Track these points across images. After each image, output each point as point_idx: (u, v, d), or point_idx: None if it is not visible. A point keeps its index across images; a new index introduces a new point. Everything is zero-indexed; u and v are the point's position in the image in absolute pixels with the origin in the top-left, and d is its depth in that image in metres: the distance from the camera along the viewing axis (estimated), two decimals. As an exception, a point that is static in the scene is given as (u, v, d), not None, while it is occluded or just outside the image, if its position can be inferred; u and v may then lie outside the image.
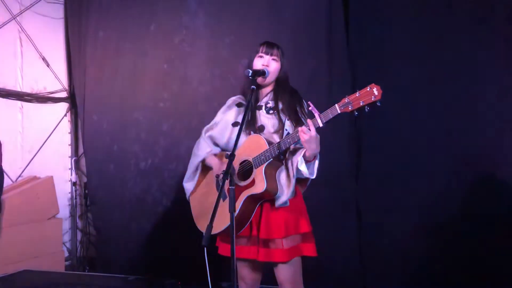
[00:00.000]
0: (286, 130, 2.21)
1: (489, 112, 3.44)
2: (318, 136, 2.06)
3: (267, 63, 2.29)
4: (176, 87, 4.43)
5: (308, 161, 2.12)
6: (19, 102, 4.70)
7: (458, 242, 3.44)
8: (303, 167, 2.13)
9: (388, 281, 3.63)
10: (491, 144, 3.43)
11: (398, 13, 3.66)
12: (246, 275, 2.32)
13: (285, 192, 2.16)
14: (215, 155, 2.39)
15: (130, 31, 4.62)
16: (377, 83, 1.95)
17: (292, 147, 2.20)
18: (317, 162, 2.14)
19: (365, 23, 3.74)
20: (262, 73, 2.24)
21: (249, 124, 2.29)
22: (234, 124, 2.36)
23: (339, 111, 1.99)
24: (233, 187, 1.90)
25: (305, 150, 2.09)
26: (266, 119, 2.29)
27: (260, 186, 2.11)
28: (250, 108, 2.27)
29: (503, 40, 3.41)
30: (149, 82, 4.54)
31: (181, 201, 4.14)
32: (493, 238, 3.35)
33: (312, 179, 2.29)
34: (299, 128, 2.05)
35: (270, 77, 2.30)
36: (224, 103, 2.51)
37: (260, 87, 2.35)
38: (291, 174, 2.17)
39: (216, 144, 2.43)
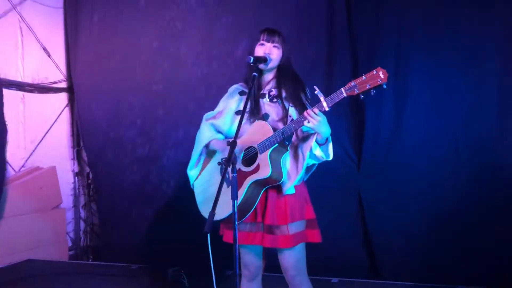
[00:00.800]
0: (290, 117, 2.20)
1: (494, 101, 3.42)
2: (325, 118, 2.06)
3: (269, 51, 2.27)
4: (168, 67, 4.39)
5: (321, 144, 2.13)
6: (20, 93, 4.70)
7: (463, 228, 3.44)
8: (318, 152, 2.14)
9: (392, 268, 3.64)
10: (496, 133, 3.41)
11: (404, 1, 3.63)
12: (249, 263, 2.32)
13: (290, 179, 2.16)
14: (219, 140, 2.39)
15: (122, 11, 4.59)
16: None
17: (300, 133, 2.20)
18: (331, 144, 2.15)
19: (367, 7, 3.71)
20: (263, 59, 2.22)
21: (253, 112, 2.27)
22: (237, 112, 2.34)
23: (345, 95, 1.98)
24: (235, 175, 1.90)
25: (316, 134, 2.10)
26: (270, 108, 2.28)
27: (265, 171, 2.11)
28: (252, 96, 2.25)
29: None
30: (140, 63, 4.51)
31: (181, 188, 4.20)
32: (497, 224, 3.35)
33: (315, 168, 2.31)
34: (305, 112, 2.04)
35: (272, 64, 2.28)
36: (223, 88, 2.49)
37: (262, 74, 2.33)
38: (300, 161, 2.16)
39: (219, 132, 2.42)
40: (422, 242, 3.55)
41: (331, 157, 2.18)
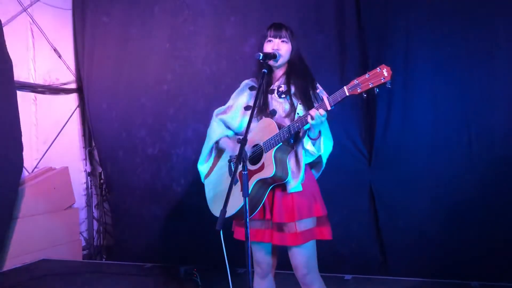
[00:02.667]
0: (297, 114, 2.17)
1: (505, 93, 3.37)
2: (325, 114, 2.05)
3: (278, 47, 2.25)
4: (178, 67, 4.41)
5: (314, 139, 2.12)
6: (32, 94, 4.74)
7: (476, 222, 3.40)
8: (309, 146, 2.13)
9: (405, 264, 3.61)
10: (508, 124, 3.36)
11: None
12: (261, 260, 2.31)
13: (295, 177, 2.15)
14: (229, 138, 2.38)
15: (134, 14, 4.62)
16: (388, 62, 1.90)
17: (302, 131, 2.18)
18: (322, 138, 2.13)
19: (375, 4, 3.68)
20: (273, 56, 2.21)
21: (260, 109, 2.27)
22: (246, 107, 2.34)
23: (347, 94, 1.96)
24: (246, 172, 1.89)
25: (308, 130, 2.10)
26: (277, 104, 2.26)
27: (269, 170, 2.10)
28: (261, 92, 2.24)
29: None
30: (152, 64, 4.53)
31: (192, 186, 4.21)
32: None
33: (327, 165, 2.30)
34: (308, 112, 2.04)
35: (282, 60, 2.26)
36: (232, 86, 2.49)
37: (272, 70, 2.32)
38: (300, 158, 2.16)
39: (228, 128, 2.42)
40: (434, 237, 3.52)
41: (322, 151, 2.16)
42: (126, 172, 4.64)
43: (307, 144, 2.13)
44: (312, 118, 2.01)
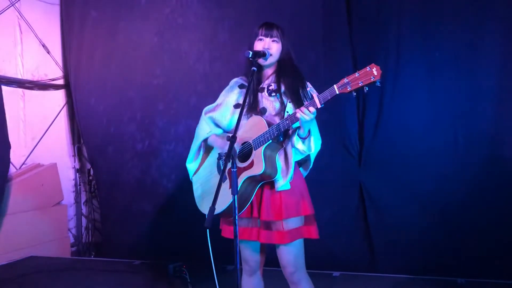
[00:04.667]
0: (287, 112, 2.18)
1: (492, 95, 3.41)
2: (315, 113, 2.06)
3: (268, 46, 2.25)
4: (168, 62, 4.38)
5: (303, 138, 2.13)
6: (20, 90, 4.70)
7: (462, 221, 3.45)
8: (300, 145, 2.13)
9: (393, 261, 3.65)
10: (494, 126, 3.41)
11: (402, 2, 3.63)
12: (249, 258, 2.32)
13: (284, 175, 2.16)
14: (217, 135, 2.39)
15: (121, 6, 4.59)
16: (379, 63, 1.92)
17: (291, 130, 2.19)
18: (312, 137, 2.14)
19: (367, 12, 3.72)
20: (262, 54, 2.21)
21: (250, 107, 2.27)
22: (236, 106, 2.34)
23: (337, 92, 1.97)
24: (235, 170, 1.90)
25: (298, 129, 2.10)
26: (267, 102, 2.27)
27: (258, 167, 2.11)
28: (251, 91, 2.25)
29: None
30: (140, 57, 4.50)
31: (181, 182, 4.20)
32: (497, 218, 3.35)
33: (315, 164, 2.31)
34: (298, 110, 2.04)
35: (272, 59, 2.27)
36: (224, 83, 2.48)
37: (262, 68, 2.32)
38: (289, 156, 2.16)
39: (217, 126, 2.42)
40: (422, 235, 3.56)
41: (313, 150, 2.17)
42: (115, 168, 4.61)
43: (298, 143, 2.14)
44: (302, 116, 2.02)
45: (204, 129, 2.41)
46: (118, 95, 4.60)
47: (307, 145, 2.15)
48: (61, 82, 5.09)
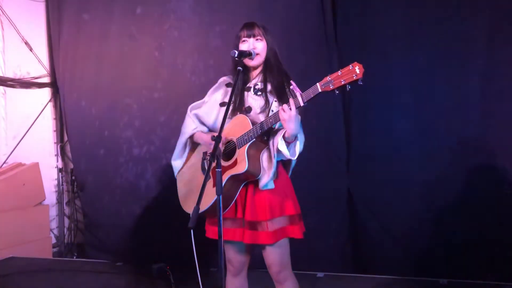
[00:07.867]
0: (272, 111, 2.18)
1: (476, 99, 3.45)
2: (299, 117, 2.05)
3: (253, 46, 2.26)
4: (167, 76, 4.36)
5: (289, 142, 2.11)
6: (2, 88, 4.62)
7: (445, 223, 3.49)
8: (283, 148, 2.10)
9: (377, 262, 3.68)
10: (478, 130, 3.45)
11: (387, 5, 3.65)
12: (233, 258, 2.32)
13: (266, 174, 2.14)
14: (203, 132, 2.38)
15: (116, 13, 4.54)
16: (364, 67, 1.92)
17: (276, 127, 2.17)
18: (298, 143, 2.12)
19: (351, 12, 3.73)
20: (248, 54, 2.21)
21: (236, 106, 2.27)
22: (222, 104, 2.34)
23: (320, 90, 1.97)
24: (220, 170, 1.89)
25: (285, 130, 2.07)
26: (253, 101, 2.27)
27: (241, 166, 2.10)
28: (237, 90, 2.25)
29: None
30: (139, 68, 4.47)
31: (165, 183, 4.16)
32: (480, 219, 3.39)
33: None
34: (280, 107, 2.04)
35: (259, 58, 2.27)
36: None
37: (249, 68, 2.32)
38: (272, 155, 2.15)
39: (203, 123, 2.41)
40: (405, 237, 3.60)
41: (296, 157, 2.14)
42: (106, 170, 4.56)
43: (282, 145, 2.10)
44: (281, 113, 2.01)
45: (190, 125, 2.40)
46: (112, 100, 4.53)
47: (291, 150, 2.12)
48: (44, 80, 5.00)
